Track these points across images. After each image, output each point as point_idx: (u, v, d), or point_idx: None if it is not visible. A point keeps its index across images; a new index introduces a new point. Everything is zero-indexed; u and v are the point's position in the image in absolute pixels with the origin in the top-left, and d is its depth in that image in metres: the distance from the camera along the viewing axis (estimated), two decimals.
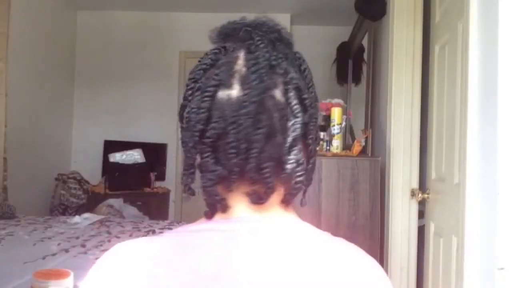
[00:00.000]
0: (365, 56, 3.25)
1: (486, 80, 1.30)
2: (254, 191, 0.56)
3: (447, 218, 1.73)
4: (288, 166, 0.56)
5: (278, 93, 0.56)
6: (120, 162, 4.22)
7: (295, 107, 0.56)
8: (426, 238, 2.08)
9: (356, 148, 2.32)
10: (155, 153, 4.44)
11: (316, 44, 4.58)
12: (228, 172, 0.55)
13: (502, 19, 1.19)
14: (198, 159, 0.57)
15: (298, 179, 0.57)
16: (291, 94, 0.56)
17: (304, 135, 0.57)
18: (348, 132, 3.26)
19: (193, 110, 0.56)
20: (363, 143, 2.42)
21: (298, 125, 0.56)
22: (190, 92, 0.58)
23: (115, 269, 0.54)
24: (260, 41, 0.58)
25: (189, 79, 0.59)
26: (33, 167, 3.87)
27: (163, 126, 4.54)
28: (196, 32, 4.56)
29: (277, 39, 0.59)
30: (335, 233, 0.58)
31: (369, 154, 2.59)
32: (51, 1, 4.20)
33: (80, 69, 4.68)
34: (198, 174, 0.58)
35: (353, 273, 0.54)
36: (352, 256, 0.56)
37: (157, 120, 4.54)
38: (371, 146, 2.67)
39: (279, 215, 0.59)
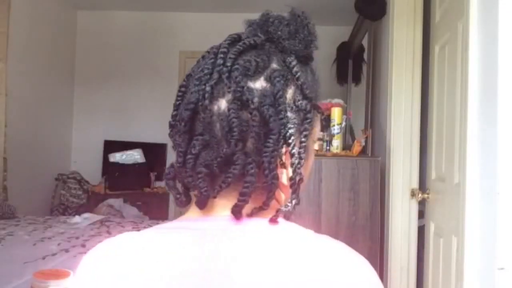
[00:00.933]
0: (365, 56, 3.24)
1: (486, 80, 1.30)
2: (236, 204, 0.55)
3: (447, 218, 1.73)
4: (227, 180, 0.53)
5: (223, 103, 0.54)
6: (120, 162, 4.22)
7: (272, 119, 0.53)
8: (426, 238, 2.08)
9: (356, 148, 2.32)
10: (155, 153, 4.43)
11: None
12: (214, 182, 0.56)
13: (502, 19, 1.19)
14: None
15: (244, 190, 0.54)
16: (282, 107, 0.54)
17: (287, 143, 0.55)
18: (348, 132, 3.26)
19: (180, 119, 0.58)
20: (363, 143, 2.42)
21: (290, 135, 0.54)
22: (178, 101, 0.60)
23: (103, 265, 0.54)
24: (225, 48, 0.57)
25: (181, 87, 0.60)
26: (33, 167, 3.87)
27: (163, 126, 4.47)
28: (196, 32, 4.59)
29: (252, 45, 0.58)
30: (335, 233, 0.57)
31: (369, 154, 2.59)
32: (51, 1, 4.20)
33: (80, 69, 4.68)
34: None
35: (340, 269, 0.52)
36: (337, 252, 0.55)
37: (157, 120, 4.54)
38: (371, 146, 2.67)
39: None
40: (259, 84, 0.55)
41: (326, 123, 2.41)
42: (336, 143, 2.32)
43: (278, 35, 0.59)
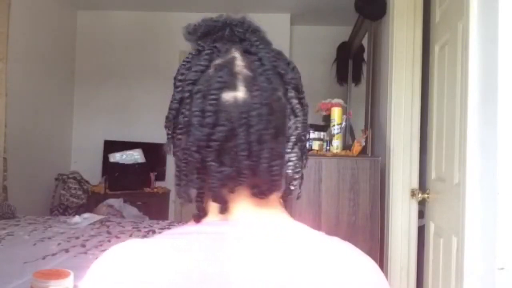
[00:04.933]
0: (365, 56, 3.24)
1: (486, 80, 1.30)
2: (256, 185, 0.56)
3: (447, 218, 1.73)
4: (291, 164, 0.57)
5: (280, 94, 0.57)
6: (120, 162, 4.22)
7: (296, 106, 0.58)
8: (426, 238, 2.08)
9: (356, 148, 2.32)
10: (155, 153, 4.43)
11: (316, 44, 4.58)
12: (237, 174, 0.55)
13: (502, 19, 1.19)
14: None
15: (297, 175, 0.58)
16: (291, 94, 0.58)
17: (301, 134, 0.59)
18: (348, 132, 3.26)
19: (196, 113, 0.55)
20: (363, 143, 2.42)
21: (300, 124, 0.58)
22: (187, 94, 0.56)
23: (112, 271, 0.54)
24: (258, 41, 0.58)
25: (183, 81, 0.57)
26: (33, 167, 3.87)
27: (163, 126, 4.52)
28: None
29: (263, 38, 0.61)
30: (335, 233, 0.57)
31: (369, 154, 2.59)
32: (51, 1, 4.20)
33: (80, 69, 4.68)
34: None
35: (349, 272, 0.53)
36: (347, 255, 0.55)
37: (157, 120, 4.49)
38: (371, 146, 2.67)
39: (274, 215, 0.59)
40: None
41: (326, 123, 2.41)
42: (336, 143, 2.32)
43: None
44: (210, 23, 0.61)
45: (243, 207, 0.58)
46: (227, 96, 0.55)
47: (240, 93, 0.55)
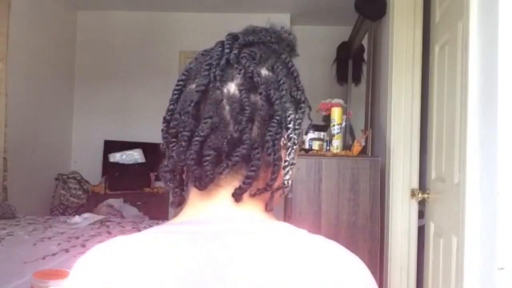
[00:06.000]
0: (365, 56, 3.24)
1: (486, 80, 1.30)
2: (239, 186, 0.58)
3: (447, 218, 1.73)
4: (234, 159, 0.57)
5: (232, 87, 0.58)
6: (120, 162, 4.22)
7: (277, 104, 0.58)
8: (426, 238, 2.08)
9: (356, 148, 2.32)
10: (155, 153, 4.38)
11: (316, 44, 4.58)
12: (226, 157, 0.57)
13: (502, 19, 1.19)
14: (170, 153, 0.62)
15: (249, 173, 0.57)
16: (271, 92, 0.58)
17: (286, 130, 0.59)
18: (348, 132, 3.26)
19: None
20: (363, 143, 2.42)
21: (276, 121, 0.58)
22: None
23: (96, 270, 0.54)
24: (229, 41, 0.61)
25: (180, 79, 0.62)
26: (33, 167, 3.87)
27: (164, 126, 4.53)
28: (196, 32, 4.58)
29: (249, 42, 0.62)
30: (335, 233, 0.57)
31: (369, 154, 2.59)
32: (51, 1, 4.20)
33: (80, 69, 4.68)
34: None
35: (333, 270, 0.52)
36: (332, 253, 0.55)
37: (157, 120, 4.46)
38: (371, 146, 2.67)
39: (253, 214, 0.60)
40: (263, 71, 0.60)
41: (326, 123, 2.41)
42: (336, 143, 2.32)
43: (267, 39, 0.63)
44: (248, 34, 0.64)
45: (224, 198, 0.59)
46: (189, 88, 0.61)
47: (193, 85, 0.59)
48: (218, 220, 0.58)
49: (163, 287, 0.51)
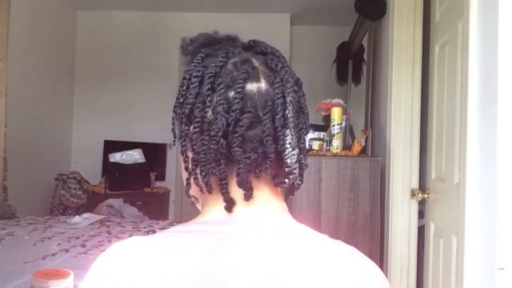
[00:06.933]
0: (365, 56, 3.24)
1: (486, 80, 1.30)
2: (276, 175, 0.60)
3: (447, 218, 1.73)
4: (302, 155, 0.61)
5: (296, 89, 0.61)
6: (120, 162, 4.22)
7: (304, 104, 0.62)
8: (426, 238, 2.08)
9: (356, 148, 2.32)
10: (155, 153, 4.44)
11: (316, 44, 4.59)
12: (263, 159, 0.57)
13: (502, 19, 1.19)
14: (190, 155, 0.60)
15: (305, 168, 0.62)
16: (301, 93, 0.62)
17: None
18: (348, 132, 3.26)
19: (221, 101, 0.57)
20: (363, 143, 2.42)
21: (306, 121, 0.63)
22: (208, 86, 0.58)
23: (113, 269, 0.54)
24: (264, 47, 0.63)
25: (201, 76, 0.59)
26: (33, 167, 3.87)
27: (163, 126, 4.52)
28: (196, 32, 4.56)
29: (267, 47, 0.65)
30: (335, 233, 0.58)
31: (369, 154, 2.59)
32: (51, 1, 4.20)
33: (80, 69, 4.68)
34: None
35: (353, 274, 0.53)
36: (352, 258, 0.56)
37: (157, 120, 4.54)
38: (371, 146, 2.67)
39: (278, 215, 0.61)
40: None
41: (326, 123, 2.41)
42: (336, 143, 2.32)
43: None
44: (209, 36, 0.66)
45: (265, 197, 0.60)
46: (251, 86, 0.58)
47: (263, 84, 0.59)
48: (240, 221, 0.58)
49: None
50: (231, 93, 0.57)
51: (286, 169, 0.59)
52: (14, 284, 1.65)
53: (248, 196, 0.58)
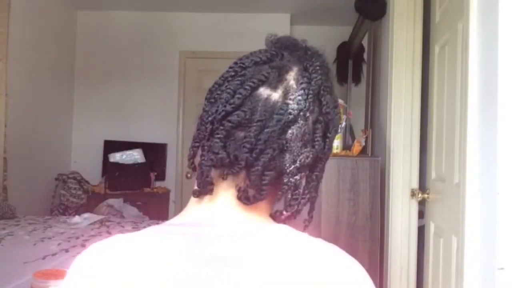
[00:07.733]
0: (365, 56, 3.24)
1: (486, 80, 1.30)
2: (245, 189, 0.57)
3: (447, 218, 1.73)
4: (289, 185, 0.58)
5: (309, 117, 0.58)
6: (120, 162, 4.22)
7: (317, 138, 0.59)
8: (426, 238, 2.08)
9: (356, 148, 2.32)
10: (155, 153, 4.43)
11: (316, 44, 4.55)
12: (232, 162, 0.56)
13: (502, 19, 1.19)
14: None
15: (294, 201, 0.59)
16: (319, 126, 0.59)
17: (312, 167, 0.61)
18: (348, 132, 3.26)
19: (228, 90, 0.57)
20: (363, 143, 2.42)
21: (311, 156, 0.59)
22: (233, 74, 0.59)
23: (93, 266, 0.54)
24: (319, 67, 0.62)
25: (237, 63, 0.61)
26: (33, 167, 3.87)
27: (163, 126, 4.54)
28: (196, 32, 4.58)
29: (327, 75, 0.64)
30: (335, 233, 0.58)
31: (369, 154, 2.59)
32: (51, 1, 4.19)
33: (80, 69, 4.67)
34: None
35: (332, 272, 0.53)
36: (333, 256, 0.55)
37: (157, 120, 4.54)
38: (371, 146, 2.67)
39: (256, 218, 0.60)
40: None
41: None
42: (336, 143, 2.32)
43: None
44: (291, 40, 0.66)
45: (226, 199, 0.59)
46: (264, 91, 0.57)
47: (276, 95, 0.57)
48: (220, 222, 0.58)
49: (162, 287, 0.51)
50: (241, 88, 0.57)
51: (251, 189, 0.57)
52: (14, 284, 1.65)
53: (205, 189, 0.58)
